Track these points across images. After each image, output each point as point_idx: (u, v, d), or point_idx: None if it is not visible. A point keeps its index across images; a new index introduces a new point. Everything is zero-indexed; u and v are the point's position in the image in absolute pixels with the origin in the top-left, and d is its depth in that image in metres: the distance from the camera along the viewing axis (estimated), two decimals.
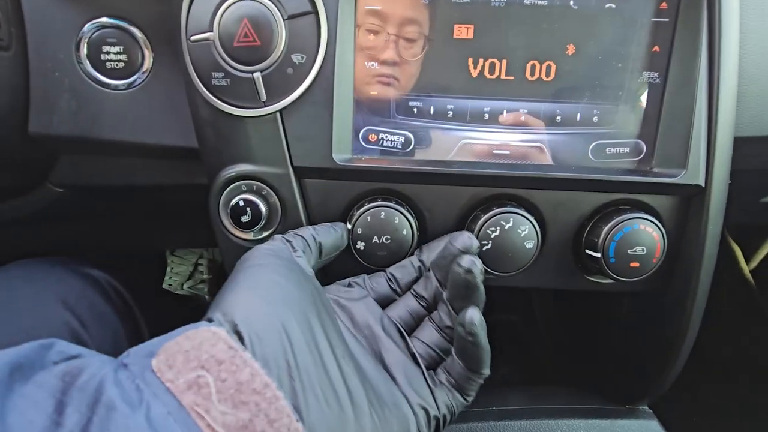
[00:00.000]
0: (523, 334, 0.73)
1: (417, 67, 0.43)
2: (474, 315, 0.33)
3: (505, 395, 0.55)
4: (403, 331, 0.37)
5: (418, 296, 0.39)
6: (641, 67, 0.42)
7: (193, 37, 0.39)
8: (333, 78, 0.40)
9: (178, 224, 0.90)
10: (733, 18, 0.39)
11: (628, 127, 0.44)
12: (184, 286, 1.13)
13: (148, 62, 0.46)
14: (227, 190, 0.43)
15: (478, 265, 0.34)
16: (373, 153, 0.44)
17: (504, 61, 0.42)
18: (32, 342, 0.24)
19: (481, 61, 0.42)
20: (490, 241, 0.41)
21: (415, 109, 0.44)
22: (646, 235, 0.41)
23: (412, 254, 0.43)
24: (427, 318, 0.39)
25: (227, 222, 0.43)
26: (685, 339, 0.46)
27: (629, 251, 0.41)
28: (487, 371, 0.35)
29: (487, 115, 0.44)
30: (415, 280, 0.41)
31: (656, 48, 0.42)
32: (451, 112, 0.44)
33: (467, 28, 0.42)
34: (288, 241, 0.37)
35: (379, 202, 0.42)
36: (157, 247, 1.08)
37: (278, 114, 0.41)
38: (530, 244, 0.41)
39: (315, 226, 0.41)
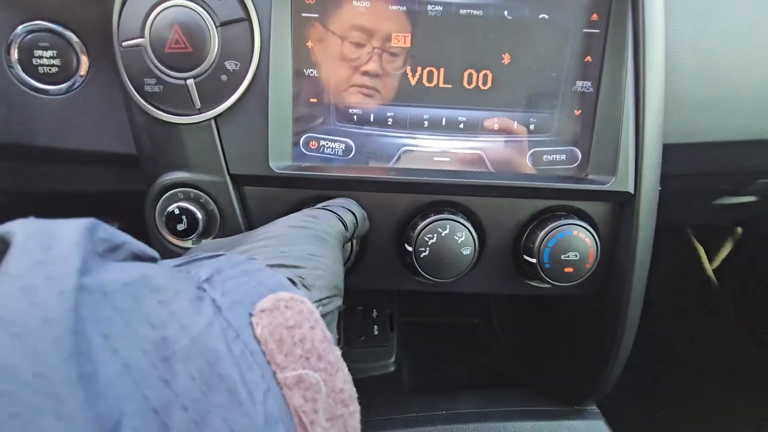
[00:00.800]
0: (481, 336, 0.74)
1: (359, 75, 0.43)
2: None
3: (455, 399, 0.56)
4: None
5: None
6: (575, 76, 0.43)
7: (125, 43, 0.39)
8: (268, 85, 0.40)
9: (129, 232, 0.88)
10: (657, 27, 0.41)
11: (564, 135, 0.45)
12: None
13: (84, 67, 0.45)
14: (163, 197, 0.42)
15: None
16: (314, 160, 0.44)
17: (441, 70, 0.43)
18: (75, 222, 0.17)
19: (419, 69, 0.43)
20: (428, 248, 0.42)
21: (355, 117, 0.44)
22: (579, 241, 0.42)
23: (350, 263, 0.43)
24: None
25: (163, 230, 0.42)
26: (622, 341, 0.47)
27: (563, 257, 0.42)
28: None
29: (426, 123, 0.44)
30: None
31: (588, 58, 0.43)
32: (391, 120, 0.44)
33: (404, 36, 0.42)
34: (340, 219, 0.35)
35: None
36: None
37: (213, 121, 0.40)
38: (467, 251, 0.42)
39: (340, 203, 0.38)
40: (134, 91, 0.40)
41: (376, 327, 0.64)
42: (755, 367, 1.06)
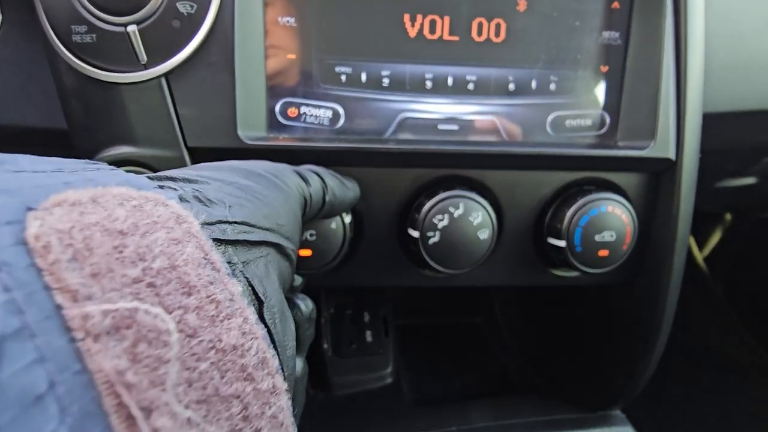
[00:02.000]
0: (485, 338, 0.67)
1: None
2: None
3: (467, 411, 0.48)
4: None
5: None
6: (601, 25, 0.37)
7: None
8: (233, 32, 0.32)
9: None
10: None
11: (589, 96, 0.38)
12: None
13: None
14: None
15: None
16: (294, 131, 0.36)
17: (446, 19, 0.36)
18: None
19: (419, 17, 0.35)
20: (438, 233, 0.34)
21: (343, 77, 0.36)
22: (614, 218, 0.36)
23: (343, 254, 0.35)
24: None
25: None
26: (659, 335, 0.41)
27: (597, 238, 0.35)
28: None
29: (429, 83, 0.37)
30: None
31: (616, 4, 0.37)
32: (386, 80, 0.36)
33: None
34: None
35: None
36: None
37: (163, 79, 0.32)
38: (485, 234, 0.35)
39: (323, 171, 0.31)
40: (59, 44, 0.31)
41: (369, 333, 0.56)
42: (752, 358, 1.04)
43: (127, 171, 0.32)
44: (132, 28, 0.31)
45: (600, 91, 0.38)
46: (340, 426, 0.46)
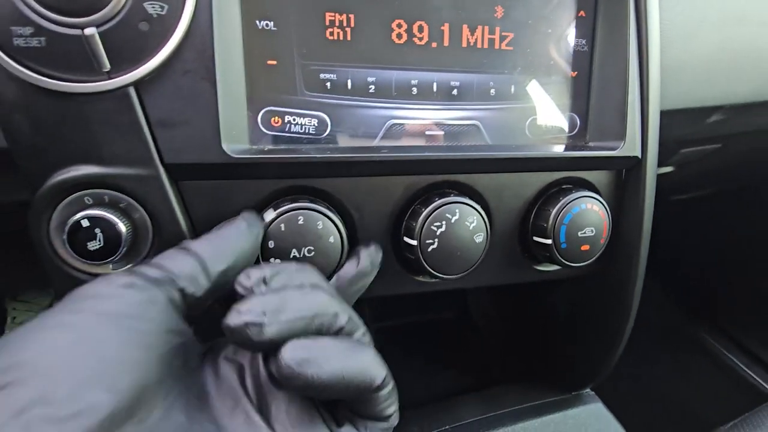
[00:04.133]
0: (461, 331, 0.69)
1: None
2: (284, 354, 0.22)
3: (456, 408, 0.49)
4: None
5: None
6: (569, 33, 0.39)
7: None
8: (212, 36, 0.29)
9: (17, 258, 0.68)
10: None
11: (561, 99, 0.40)
12: None
13: None
14: (61, 205, 0.29)
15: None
16: (279, 141, 0.34)
17: (431, 25, 0.35)
18: None
19: (404, 24, 0.35)
20: (436, 240, 0.34)
21: (328, 84, 0.34)
22: (593, 214, 0.38)
23: (341, 267, 0.34)
24: None
25: (64, 252, 0.29)
26: (629, 318, 0.45)
27: (580, 234, 0.38)
28: (381, 388, 0.25)
29: (415, 89, 0.36)
30: None
31: (582, 12, 0.39)
32: (373, 87, 0.35)
33: None
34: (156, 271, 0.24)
35: (295, 204, 0.32)
36: None
37: (132, 89, 0.28)
38: (480, 238, 0.35)
39: (197, 240, 0.27)
40: None
41: None
42: (679, 327, 1.18)
43: (92, 193, 0.28)
44: (90, 31, 0.27)
45: (569, 95, 0.40)
46: None
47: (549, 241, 0.37)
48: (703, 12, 0.46)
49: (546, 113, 0.40)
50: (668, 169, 0.95)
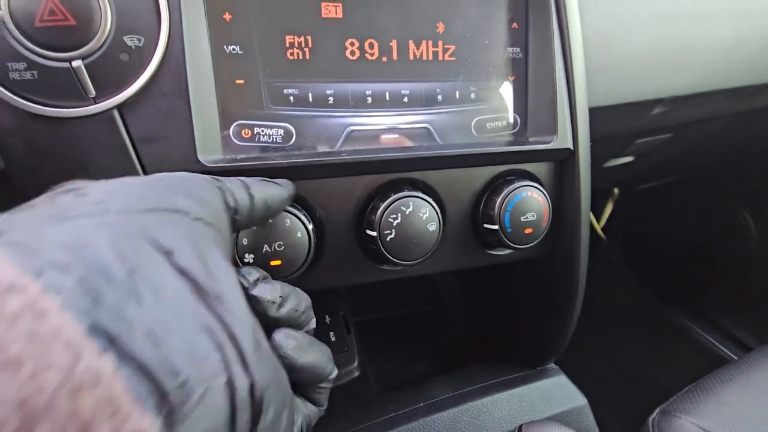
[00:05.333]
0: (436, 322, 0.74)
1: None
2: (280, 339, 0.28)
3: (429, 388, 0.54)
4: None
5: None
6: (505, 43, 0.44)
7: None
8: (184, 61, 0.33)
9: None
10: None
11: (502, 101, 0.45)
12: None
13: None
14: None
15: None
16: (249, 151, 0.38)
17: (380, 42, 0.40)
18: None
19: (357, 42, 0.40)
20: (393, 230, 0.39)
21: (291, 98, 0.39)
22: (533, 201, 0.43)
23: (310, 260, 0.38)
24: None
25: None
26: (577, 296, 0.50)
27: (522, 219, 0.43)
28: (328, 380, 0.31)
29: (369, 99, 0.41)
30: None
31: (515, 24, 0.44)
32: (331, 98, 0.40)
33: (335, 6, 0.39)
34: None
35: None
36: None
37: (116, 111, 0.32)
38: (433, 227, 0.40)
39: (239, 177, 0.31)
40: None
41: (332, 333, 0.59)
42: (647, 309, 1.24)
43: None
44: (77, 63, 0.31)
45: (510, 97, 0.45)
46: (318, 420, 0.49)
47: (496, 227, 0.42)
48: (636, 12, 0.52)
49: (489, 114, 0.45)
50: (628, 159, 1.02)
